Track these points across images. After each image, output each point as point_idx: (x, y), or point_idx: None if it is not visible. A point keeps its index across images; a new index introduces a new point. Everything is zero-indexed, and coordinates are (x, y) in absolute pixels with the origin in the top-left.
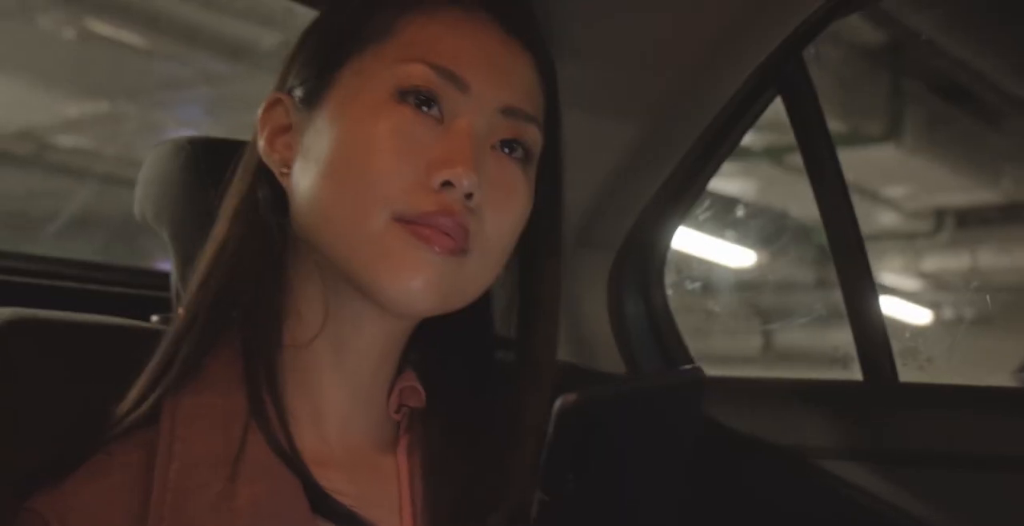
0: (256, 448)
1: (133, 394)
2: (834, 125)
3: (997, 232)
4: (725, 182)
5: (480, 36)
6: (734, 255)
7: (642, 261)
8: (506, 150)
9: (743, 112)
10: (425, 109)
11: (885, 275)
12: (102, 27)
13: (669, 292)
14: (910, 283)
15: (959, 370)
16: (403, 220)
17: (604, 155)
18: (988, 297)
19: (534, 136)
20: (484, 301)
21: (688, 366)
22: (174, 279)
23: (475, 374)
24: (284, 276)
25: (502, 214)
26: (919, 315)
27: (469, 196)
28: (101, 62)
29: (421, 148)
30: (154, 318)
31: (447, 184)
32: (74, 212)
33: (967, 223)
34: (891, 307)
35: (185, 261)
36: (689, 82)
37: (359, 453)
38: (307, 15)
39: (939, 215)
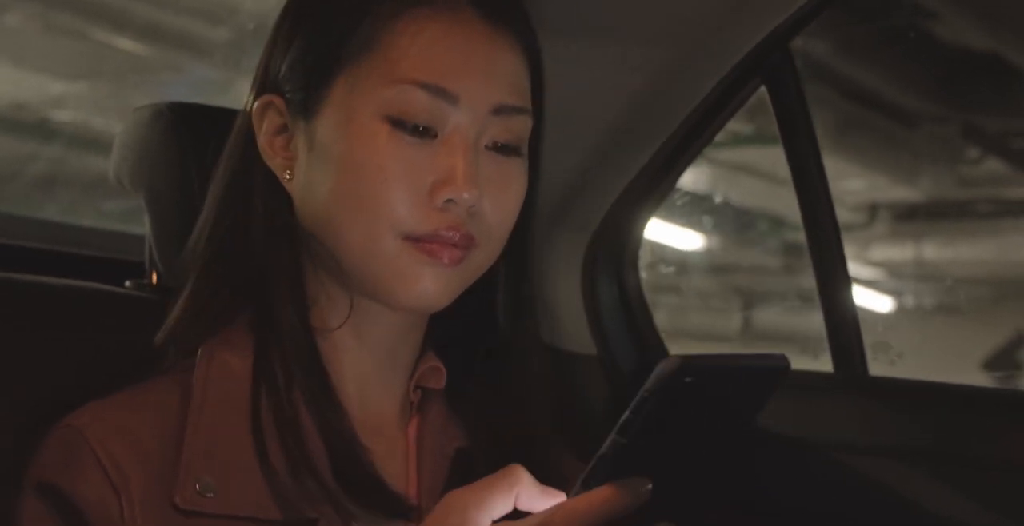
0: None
1: (167, 331)
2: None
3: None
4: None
5: (466, 39)
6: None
7: (617, 244)
8: (499, 146)
9: (726, 101)
10: (421, 128)
11: None
12: (67, 21)
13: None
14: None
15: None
16: (411, 238)
17: (585, 136)
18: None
19: (524, 126)
20: (491, 282)
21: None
22: (149, 243)
23: (484, 354)
24: (304, 262)
25: (502, 206)
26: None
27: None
28: (71, 51)
29: (420, 170)
30: (127, 284)
31: (449, 200)
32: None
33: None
34: None
35: (161, 226)
36: (675, 68)
37: (373, 429)
38: (249, 11)
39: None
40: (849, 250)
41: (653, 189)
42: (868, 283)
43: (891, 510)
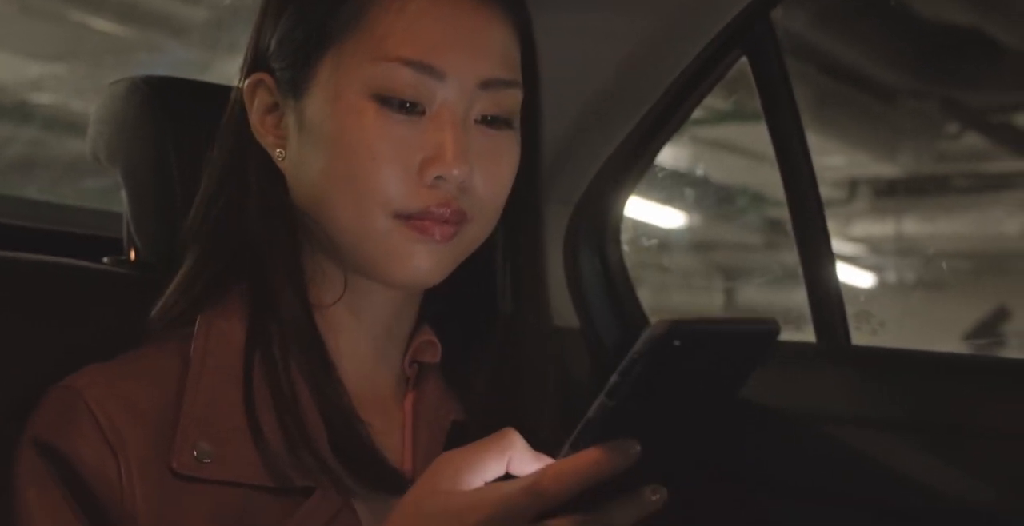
0: (292, 391)
1: (163, 304)
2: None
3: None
4: None
5: (452, 12)
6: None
7: (599, 217)
8: (489, 119)
9: (707, 72)
10: (408, 105)
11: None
12: (43, 3)
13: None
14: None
15: None
16: (402, 216)
17: (566, 109)
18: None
19: (514, 100)
20: (487, 257)
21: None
22: (127, 219)
23: (481, 329)
24: (300, 241)
25: (494, 180)
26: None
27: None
28: (48, 32)
29: (409, 147)
30: (105, 259)
31: (439, 177)
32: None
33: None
34: None
35: (138, 201)
36: (655, 39)
37: (370, 404)
38: None
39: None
40: (830, 226)
41: (635, 161)
42: (850, 259)
43: (872, 478)
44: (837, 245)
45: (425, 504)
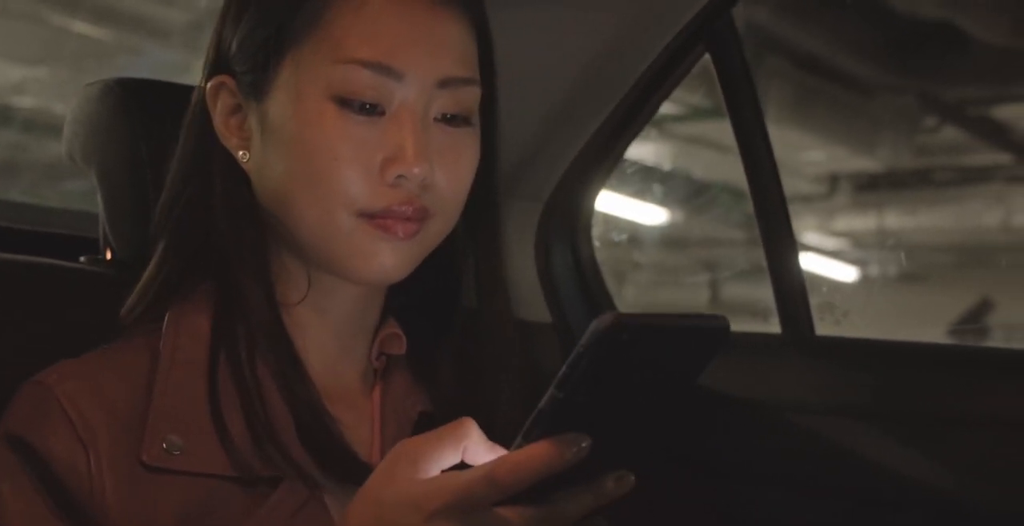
0: (257, 387)
1: (130, 301)
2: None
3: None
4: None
5: (410, 12)
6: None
7: (570, 213)
8: (448, 117)
9: (672, 68)
10: (367, 106)
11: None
12: (23, 5)
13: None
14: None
15: None
16: (365, 215)
17: (534, 107)
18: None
19: (473, 97)
20: (451, 252)
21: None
22: (102, 220)
23: (445, 321)
24: (267, 240)
25: (455, 176)
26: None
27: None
28: (29, 35)
29: (370, 148)
30: (82, 259)
31: (400, 176)
32: None
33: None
34: None
35: (112, 201)
36: (619, 36)
37: (339, 398)
38: None
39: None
40: (812, 221)
41: (604, 157)
42: (832, 254)
43: (838, 466)
44: (819, 240)
45: (384, 492)
